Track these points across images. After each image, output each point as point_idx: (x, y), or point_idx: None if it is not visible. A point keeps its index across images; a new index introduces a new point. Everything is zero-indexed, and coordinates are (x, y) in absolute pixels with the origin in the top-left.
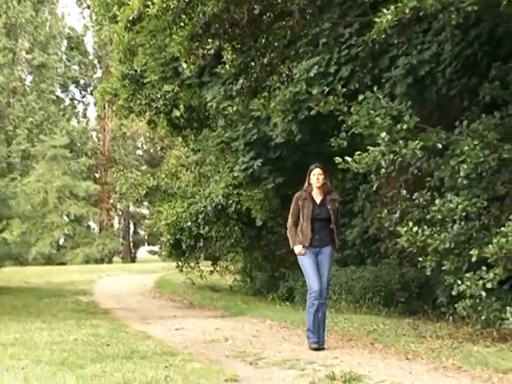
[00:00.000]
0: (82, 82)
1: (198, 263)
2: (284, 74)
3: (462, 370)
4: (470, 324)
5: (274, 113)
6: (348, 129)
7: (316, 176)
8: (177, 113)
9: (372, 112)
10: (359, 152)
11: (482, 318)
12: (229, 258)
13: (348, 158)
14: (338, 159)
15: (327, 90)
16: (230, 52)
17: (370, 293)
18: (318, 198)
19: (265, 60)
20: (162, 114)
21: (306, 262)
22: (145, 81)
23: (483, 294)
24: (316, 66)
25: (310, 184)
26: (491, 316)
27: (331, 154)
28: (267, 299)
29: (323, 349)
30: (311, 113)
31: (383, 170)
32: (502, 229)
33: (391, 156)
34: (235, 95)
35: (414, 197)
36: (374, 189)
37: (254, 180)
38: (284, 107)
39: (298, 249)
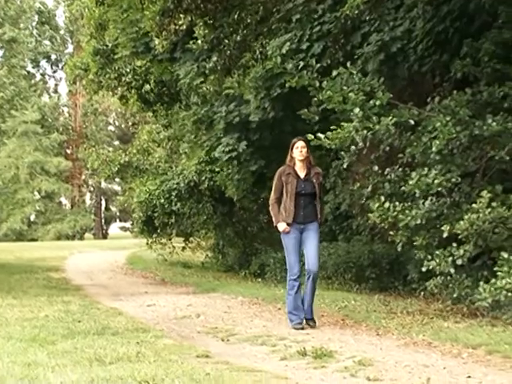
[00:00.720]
0: (53, 57)
1: (170, 240)
2: (257, 51)
3: (432, 346)
4: (440, 300)
5: (246, 90)
6: (319, 103)
7: (299, 149)
8: (147, 88)
9: (345, 88)
10: (333, 127)
11: (454, 295)
12: (201, 235)
13: (320, 135)
14: (310, 136)
15: (301, 65)
16: (202, 28)
17: (342, 269)
18: (301, 173)
19: (238, 37)
20: (132, 90)
21: (288, 242)
22: (116, 56)
23: (452, 271)
24: (288, 43)
25: (292, 158)
26: (462, 292)
27: (306, 132)
28: (239, 276)
29: (315, 324)
30: (284, 89)
31: (355, 147)
32: (473, 205)
33: (364, 132)
34: (209, 73)
35: (385, 172)
36: (345, 166)
37: (238, 162)
38: (256, 84)
39: (281, 226)
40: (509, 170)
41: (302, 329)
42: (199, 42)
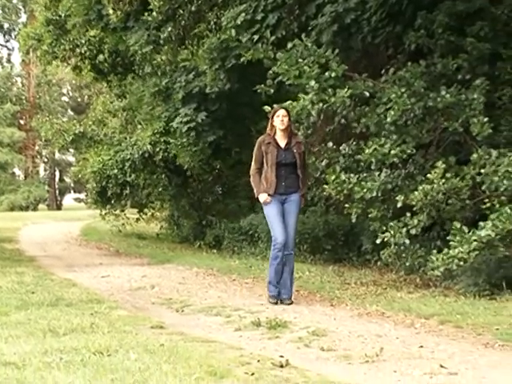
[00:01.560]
0: (5, 26)
1: (123, 211)
2: (212, 22)
3: (385, 316)
4: (393, 271)
5: (201, 61)
6: (275, 76)
7: (280, 118)
8: (101, 58)
9: (301, 60)
10: (289, 101)
11: (407, 264)
12: (156, 206)
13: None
14: (266, 108)
15: (256, 37)
16: None
17: (297, 240)
18: (282, 142)
19: (192, 7)
20: (86, 60)
21: (270, 212)
22: (69, 26)
23: (407, 241)
24: (243, 14)
25: (273, 126)
26: (415, 263)
27: (263, 105)
28: (194, 247)
29: (291, 303)
30: (239, 61)
31: (311, 119)
32: (428, 176)
33: (320, 105)
34: (163, 43)
35: (340, 148)
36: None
37: (196, 132)
38: (211, 55)
39: (262, 197)
40: (462, 141)
41: (277, 303)
42: (154, 13)
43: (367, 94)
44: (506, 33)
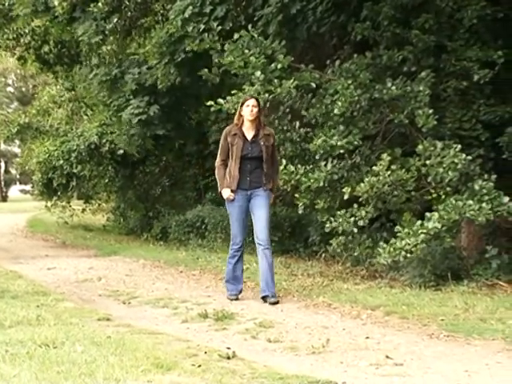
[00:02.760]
0: None
1: (69, 202)
2: (159, 14)
3: (332, 308)
4: (340, 262)
5: (150, 55)
6: (220, 65)
7: (250, 108)
8: (47, 49)
9: (247, 51)
10: (234, 91)
11: (355, 255)
12: (102, 198)
13: (220, 100)
14: (210, 103)
15: (202, 28)
16: None
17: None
18: (249, 134)
19: None
20: (31, 50)
21: (232, 209)
22: (13, 15)
23: (355, 230)
24: (191, 6)
25: (241, 116)
26: (363, 253)
27: (207, 96)
28: (141, 239)
29: (277, 302)
30: (188, 54)
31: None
32: (374, 168)
33: (266, 95)
34: (109, 34)
35: (287, 134)
36: None
37: (147, 124)
38: (160, 49)
39: (225, 193)
40: (408, 133)
41: (237, 299)
42: (100, 4)
43: (313, 85)
44: (450, 25)
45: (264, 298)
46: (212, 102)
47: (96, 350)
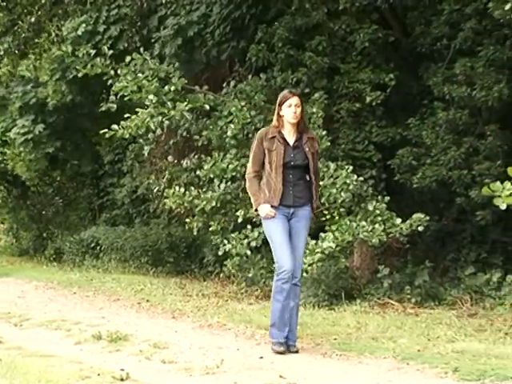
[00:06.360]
0: None
1: None
2: (53, 33)
3: (226, 328)
4: (235, 283)
5: (42, 72)
6: (117, 92)
7: (293, 108)
8: None
9: (140, 75)
10: (128, 115)
11: (250, 275)
12: None
13: (115, 126)
14: (103, 131)
15: (94, 52)
16: None
17: (139, 253)
18: (290, 138)
19: (32, 18)
20: None
21: (274, 230)
22: None
23: (248, 252)
24: (84, 25)
25: (280, 117)
26: (258, 274)
27: (104, 116)
28: (34, 260)
29: (297, 351)
30: (79, 74)
31: (152, 134)
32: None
33: (160, 118)
34: (3, 55)
35: (182, 162)
36: (147, 154)
37: (34, 143)
38: (52, 65)
39: (264, 210)
40: None
41: (283, 353)
42: None
43: (207, 107)
44: (343, 48)
45: (287, 346)
46: (116, 128)
47: None
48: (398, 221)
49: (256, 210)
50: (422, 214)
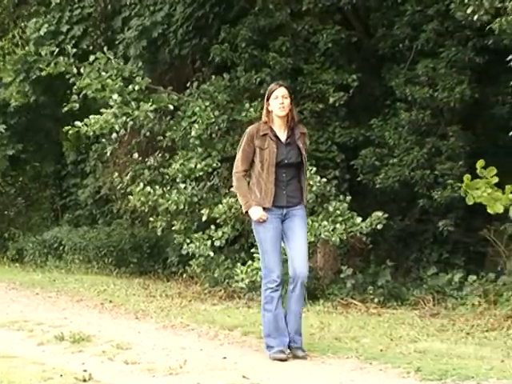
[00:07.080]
0: None
1: None
2: (17, 35)
3: (189, 328)
4: (199, 283)
5: (5, 73)
6: (80, 91)
7: (280, 99)
8: None
9: (103, 74)
10: (92, 116)
11: (215, 275)
12: None
13: (78, 123)
14: (66, 128)
15: (57, 50)
16: None
17: (102, 253)
18: (282, 134)
19: None
20: None
21: (265, 235)
22: None
23: (211, 253)
24: (47, 25)
25: (269, 112)
26: (222, 274)
27: (67, 116)
28: None
29: (305, 357)
30: (43, 71)
31: (115, 135)
32: (232, 189)
33: (124, 118)
34: None
35: (146, 160)
36: (109, 154)
37: None
38: (15, 66)
39: (256, 213)
40: None
41: (286, 360)
42: None
43: (171, 107)
44: (306, 48)
45: (294, 351)
46: (79, 124)
47: None
48: (359, 220)
49: (246, 213)
50: (384, 213)
